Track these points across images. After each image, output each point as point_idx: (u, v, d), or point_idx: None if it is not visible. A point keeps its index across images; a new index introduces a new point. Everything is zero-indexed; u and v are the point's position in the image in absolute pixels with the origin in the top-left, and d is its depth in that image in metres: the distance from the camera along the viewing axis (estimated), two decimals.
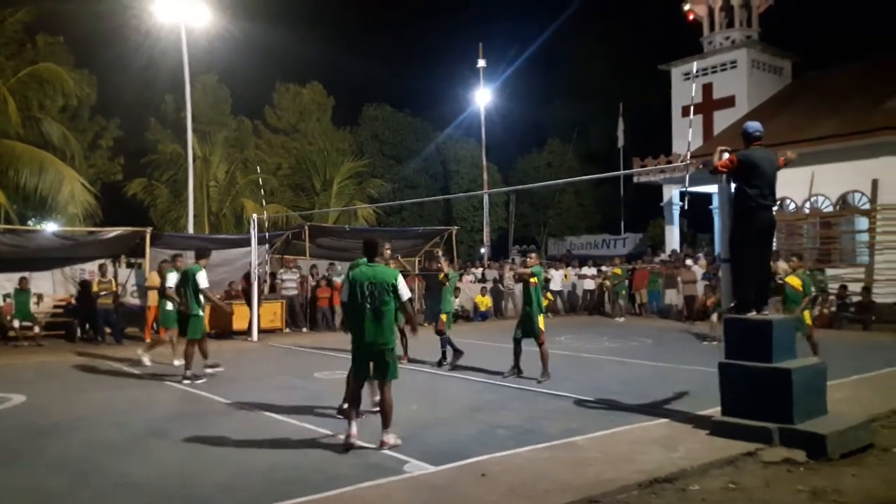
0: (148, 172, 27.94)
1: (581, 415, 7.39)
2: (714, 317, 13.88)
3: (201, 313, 9.82)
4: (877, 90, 20.68)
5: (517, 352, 9.69)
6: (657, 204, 28.52)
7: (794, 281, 10.29)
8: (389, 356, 6.07)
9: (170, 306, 10.50)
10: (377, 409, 6.47)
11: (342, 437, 6.09)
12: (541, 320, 9.45)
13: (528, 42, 51.26)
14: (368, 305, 5.98)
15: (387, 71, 50.39)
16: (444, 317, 10.67)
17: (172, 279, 10.49)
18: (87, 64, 26.98)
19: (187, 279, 9.81)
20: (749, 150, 6.80)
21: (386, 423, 6.00)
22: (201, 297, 9.72)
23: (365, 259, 6.22)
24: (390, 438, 5.96)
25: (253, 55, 31.73)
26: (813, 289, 11.11)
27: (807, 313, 10.51)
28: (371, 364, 6.11)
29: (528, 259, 9.97)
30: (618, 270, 19.51)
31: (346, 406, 6.58)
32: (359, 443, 5.96)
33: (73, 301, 15.17)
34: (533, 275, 9.49)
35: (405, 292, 6.14)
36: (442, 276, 11.03)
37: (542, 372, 9.32)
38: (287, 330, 16.65)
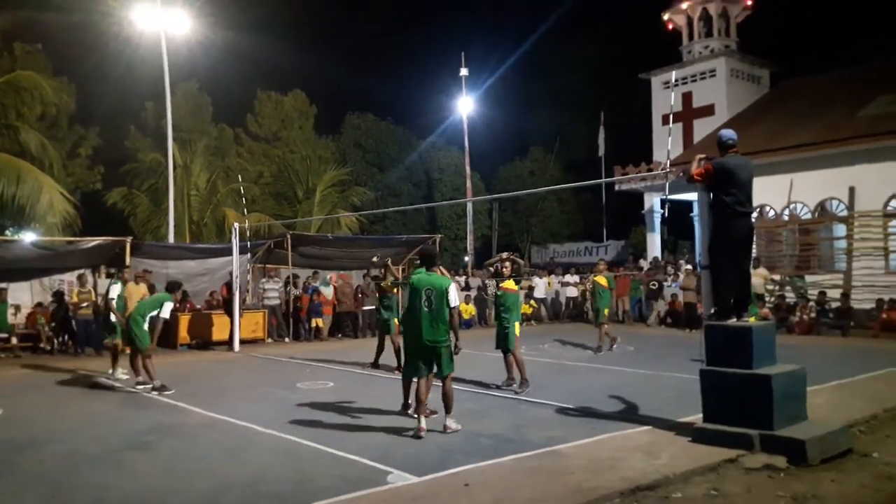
0: (128, 181, 27.72)
1: (563, 423, 7.39)
2: (605, 327, 13.58)
3: (146, 328, 9.79)
4: (853, 99, 20.99)
5: (508, 362, 9.55)
6: (639, 211, 28.72)
7: None
8: (446, 352, 6.86)
9: (113, 318, 10.99)
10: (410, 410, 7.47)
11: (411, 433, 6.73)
12: (516, 328, 9.31)
13: (510, 51, 51.83)
14: (426, 308, 6.78)
15: (369, 79, 50.53)
16: None
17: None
18: (66, 72, 26.78)
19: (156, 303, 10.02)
20: (724, 158, 6.85)
21: (448, 410, 6.90)
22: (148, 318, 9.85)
23: (424, 268, 7.08)
24: (452, 423, 6.84)
25: (234, 63, 31.69)
26: (755, 295, 11.11)
27: (752, 318, 10.64)
28: (425, 361, 6.87)
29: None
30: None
31: (410, 403, 7.49)
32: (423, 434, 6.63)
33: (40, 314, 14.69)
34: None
35: (454, 299, 6.84)
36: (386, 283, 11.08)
37: (520, 381, 9.15)
38: (269, 340, 16.51)
